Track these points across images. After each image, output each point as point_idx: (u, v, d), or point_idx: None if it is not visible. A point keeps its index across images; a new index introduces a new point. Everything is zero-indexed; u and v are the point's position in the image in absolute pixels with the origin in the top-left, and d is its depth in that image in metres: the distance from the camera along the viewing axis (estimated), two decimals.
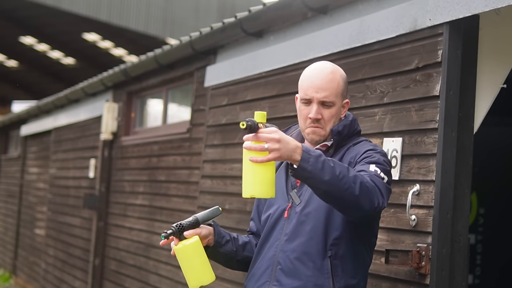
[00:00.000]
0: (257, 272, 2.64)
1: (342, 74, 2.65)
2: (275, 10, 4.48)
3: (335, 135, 2.61)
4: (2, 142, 14.73)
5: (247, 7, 5.08)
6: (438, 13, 3.17)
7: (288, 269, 2.53)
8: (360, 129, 2.74)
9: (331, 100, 2.58)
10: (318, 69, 2.64)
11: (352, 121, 2.68)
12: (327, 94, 2.57)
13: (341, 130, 2.62)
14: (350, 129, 2.66)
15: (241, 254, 2.77)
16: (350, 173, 2.31)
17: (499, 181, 5.67)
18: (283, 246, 2.56)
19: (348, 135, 2.65)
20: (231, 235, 2.76)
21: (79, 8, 18.21)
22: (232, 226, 4.92)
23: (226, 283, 4.94)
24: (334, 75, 2.61)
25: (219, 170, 5.23)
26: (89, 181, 8.21)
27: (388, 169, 2.53)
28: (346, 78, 2.67)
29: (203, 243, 2.61)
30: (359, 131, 2.73)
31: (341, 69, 2.67)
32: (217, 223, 2.73)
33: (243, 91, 5.02)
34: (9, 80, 30.58)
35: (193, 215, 2.62)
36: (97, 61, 24.98)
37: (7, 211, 13.27)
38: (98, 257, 7.62)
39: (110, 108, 7.55)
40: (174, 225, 2.58)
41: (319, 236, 2.51)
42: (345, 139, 2.64)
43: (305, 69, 2.69)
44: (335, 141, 2.62)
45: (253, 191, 2.25)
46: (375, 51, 3.63)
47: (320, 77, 2.60)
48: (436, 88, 3.16)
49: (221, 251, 2.72)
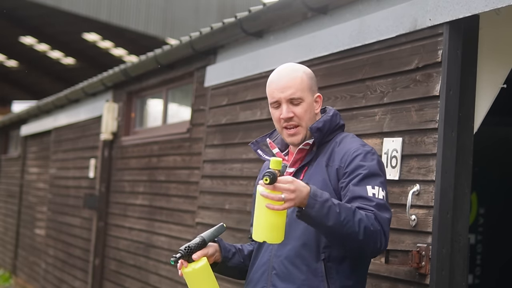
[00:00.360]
0: (254, 277, 2.65)
1: (305, 70, 2.66)
2: (275, 10, 4.48)
3: (315, 132, 2.60)
4: (2, 142, 14.73)
5: (247, 7, 5.08)
6: (438, 13, 3.17)
7: (282, 273, 2.54)
8: (343, 123, 2.73)
9: (298, 96, 2.59)
10: (279, 71, 2.67)
11: (333, 116, 2.67)
12: (292, 91, 2.59)
13: (321, 127, 2.61)
14: (331, 125, 2.65)
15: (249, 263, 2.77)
16: (356, 216, 2.33)
17: (499, 181, 5.66)
18: (276, 251, 2.57)
19: (330, 130, 2.64)
20: (236, 247, 2.78)
21: (79, 8, 18.20)
22: (232, 226, 4.92)
23: (226, 283, 4.94)
24: (295, 72, 2.63)
25: (219, 170, 5.23)
26: (89, 181, 8.21)
27: (382, 176, 2.52)
28: (311, 73, 2.67)
29: (211, 261, 2.64)
30: (342, 126, 2.71)
31: (304, 66, 2.68)
32: (221, 238, 2.74)
33: (243, 91, 5.02)
34: (9, 80, 30.58)
35: (199, 236, 2.62)
36: (97, 61, 24.97)
37: (7, 211, 13.27)
38: (98, 257, 7.62)
39: (110, 108, 7.55)
40: (183, 248, 2.57)
41: (311, 240, 2.51)
42: (327, 135, 2.64)
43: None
44: (316, 138, 2.61)
45: (266, 237, 2.32)
46: (375, 51, 3.63)
47: (281, 77, 2.63)
48: (436, 88, 3.16)
49: (229, 265, 2.74)
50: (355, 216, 2.32)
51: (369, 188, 2.44)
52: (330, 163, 2.57)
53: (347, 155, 2.54)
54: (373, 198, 2.43)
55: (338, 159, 2.55)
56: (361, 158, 2.52)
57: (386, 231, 2.41)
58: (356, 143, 2.59)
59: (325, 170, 2.56)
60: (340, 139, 2.63)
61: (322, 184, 2.53)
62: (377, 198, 2.43)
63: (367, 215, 2.36)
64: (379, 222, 2.38)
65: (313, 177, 2.57)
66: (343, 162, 2.53)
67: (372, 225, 2.35)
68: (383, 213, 2.42)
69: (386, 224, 2.42)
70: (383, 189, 2.48)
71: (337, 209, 2.30)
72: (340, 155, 2.56)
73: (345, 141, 2.62)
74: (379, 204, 2.42)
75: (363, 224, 2.33)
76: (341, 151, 2.57)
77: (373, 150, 2.59)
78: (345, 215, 2.30)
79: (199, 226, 5.41)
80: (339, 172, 2.53)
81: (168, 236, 6.03)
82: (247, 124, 4.92)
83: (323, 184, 2.53)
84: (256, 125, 4.80)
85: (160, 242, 6.19)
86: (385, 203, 2.46)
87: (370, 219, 2.36)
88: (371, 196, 2.43)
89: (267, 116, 4.67)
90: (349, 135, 2.66)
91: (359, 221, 2.32)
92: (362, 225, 2.32)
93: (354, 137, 2.65)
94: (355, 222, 2.31)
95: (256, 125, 4.80)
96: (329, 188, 2.52)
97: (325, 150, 2.62)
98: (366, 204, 2.41)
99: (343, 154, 2.55)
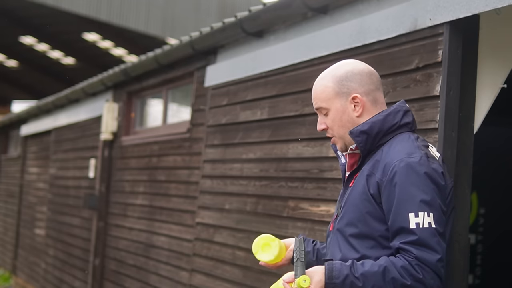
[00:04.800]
0: None
1: (334, 74, 2.45)
2: (275, 10, 4.48)
3: (357, 136, 2.35)
4: (2, 142, 14.73)
5: (247, 7, 5.08)
6: (438, 13, 3.17)
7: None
8: (408, 120, 2.40)
9: (321, 106, 2.46)
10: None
11: (388, 115, 2.37)
12: (316, 103, 2.49)
13: (367, 129, 2.35)
14: (384, 125, 2.35)
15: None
16: (386, 277, 2.15)
17: (499, 181, 5.66)
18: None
19: (383, 132, 2.36)
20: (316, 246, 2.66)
21: (79, 8, 18.20)
22: (232, 226, 4.92)
23: (226, 283, 4.94)
24: (321, 81, 2.48)
25: (219, 170, 5.23)
26: (89, 181, 8.21)
27: (429, 194, 2.19)
28: (343, 74, 2.43)
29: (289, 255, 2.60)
30: (404, 125, 2.38)
31: (338, 68, 2.47)
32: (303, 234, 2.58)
33: (243, 91, 5.02)
34: (9, 80, 30.58)
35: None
36: (97, 61, 24.98)
37: (7, 211, 13.26)
38: (98, 257, 7.62)
39: (110, 108, 7.55)
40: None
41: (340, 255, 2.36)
42: (379, 137, 2.36)
43: None
44: (359, 142, 2.35)
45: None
46: (375, 51, 3.63)
47: (313, 87, 2.52)
48: (436, 88, 3.16)
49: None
50: (385, 277, 2.15)
51: (411, 217, 2.17)
52: (375, 171, 2.30)
53: (387, 168, 2.26)
54: (416, 230, 2.16)
55: (380, 170, 2.28)
56: (402, 175, 2.22)
57: (429, 278, 2.16)
58: (402, 151, 2.27)
59: (365, 181, 2.31)
60: (391, 143, 2.34)
61: (361, 197, 2.32)
62: (422, 229, 2.15)
63: (403, 267, 2.15)
64: (421, 270, 2.15)
65: (356, 187, 2.36)
66: (384, 176, 2.26)
67: (411, 276, 2.14)
68: (427, 255, 2.15)
69: (430, 270, 2.16)
70: (430, 211, 2.17)
71: (359, 283, 2.14)
72: (383, 165, 2.28)
73: (393, 146, 2.32)
74: (422, 240, 2.15)
75: (399, 283, 2.14)
76: (385, 160, 2.29)
77: (422, 159, 2.25)
78: (372, 284, 2.15)
79: (199, 226, 5.41)
80: (380, 186, 2.27)
81: (168, 236, 6.03)
82: (247, 124, 4.92)
83: (362, 197, 2.31)
84: (256, 125, 4.80)
85: (160, 242, 6.19)
86: (432, 233, 2.16)
87: (408, 271, 2.15)
88: (413, 228, 2.16)
89: (267, 116, 4.67)
90: (402, 138, 2.35)
91: (392, 281, 2.15)
92: (398, 284, 2.14)
93: (405, 141, 2.33)
94: (387, 284, 2.15)
95: (256, 125, 4.80)
96: (370, 201, 2.29)
97: (374, 155, 2.35)
98: (407, 243, 2.16)
99: (385, 165, 2.27)
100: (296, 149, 4.31)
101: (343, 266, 2.18)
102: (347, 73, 2.44)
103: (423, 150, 2.30)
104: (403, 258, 2.17)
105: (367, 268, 2.17)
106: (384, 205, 2.25)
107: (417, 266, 2.15)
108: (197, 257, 5.41)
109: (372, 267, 2.17)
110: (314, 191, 4.09)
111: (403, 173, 2.22)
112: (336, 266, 2.18)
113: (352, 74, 2.43)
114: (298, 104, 4.34)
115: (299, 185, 4.25)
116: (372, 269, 2.16)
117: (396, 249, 2.21)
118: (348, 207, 2.36)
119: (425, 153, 2.29)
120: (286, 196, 4.36)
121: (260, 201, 4.64)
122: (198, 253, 5.39)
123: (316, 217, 4.04)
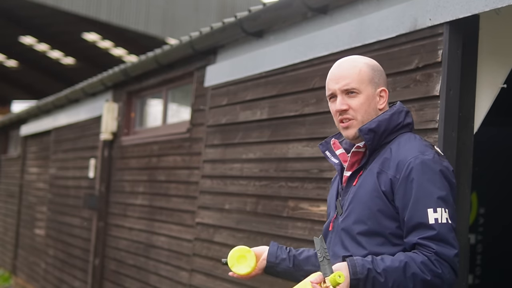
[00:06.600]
0: None
1: (369, 62, 2.43)
2: (275, 10, 4.48)
3: (366, 133, 2.32)
4: (2, 142, 14.73)
5: (247, 7, 5.08)
6: (438, 13, 3.16)
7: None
8: (410, 121, 2.41)
9: (354, 87, 2.36)
10: (337, 62, 2.47)
11: (393, 114, 2.37)
12: (347, 82, 2.36)
13: (374, 128, 2.33)
14: (389, 124, 2.35)
15: (305, 269, 2.56)
16: (407, 273, 2.15)
17: (499, 181, 5.66)
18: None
19: (388, 131, 2.36)
20: (291, 252, 2.62)
21: (79, 8, 18.21)
22: (232, 226, 4.92)
23: (226, 283, 4.94)
24: (354, 62, 2.41)
25: (219, 170, 5.22)
26: (89, 181, 8.21)
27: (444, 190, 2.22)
28: (376, 65, 2.43)
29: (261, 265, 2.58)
30: (407, 124, 2.40)
31: (369, 59, 2.46)
32: (275, 243, 2.63)
33: (243, 91, 5.02)
34: (9, 80, 30.59)
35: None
36: (97, 61, 24.99)
37: (7, 211, 13.26)
38: (98, 257, 7.62)
39: (110, 108, 7.55)
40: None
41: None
42: (384, 136, 2.36)
43: None
44: (368, 140, 2.33)
45: None
46: (375, 51, 3.63)
47: (339, 67, 2.43)
48: (436, 88, 3.16)
49: (278, 270, 2.62)
50: (406, 273, 2.15)
51: (430, 212, 2.18)
52: (385, 169, 2.30)
53: (402, 164, 2.26)
54: (435, 225, 2.17)
55: (393, 167, 2.28)
56: (418, 172, 2.23)
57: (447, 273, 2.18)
58: (414, 149, 2.28)
59: (376, 178, 2.30)
60: (398, 142, 2.34)
61: (371, 195, 2.31)
62: (441, 224, 2.17)
63: (423, 263, 2.16)
64: (440, 265, 2.17)
65: (363, 185, 2.34)
66: (399, 173, 2.26)
67: (430, 271, 2.16)
68: (445, 250, 2.17)
69: (447, 265, 2.18)
70: (446, 207, 2.20)
71: (381, 278, 2.14)
72: (395, 163, 2.28)
73: (403, 145, 2.32)
74: (441, 235, 2.17)
75: (419, 278, 2.15)
76: (397, 158, 2.28)
77: (435, 157, 2.27)
78: (393, 279, 2.14)
79: (199, 226, 5.41)
80: (393, 183, 2.26)
81: (168, 236, 6.03)
82: (247, 124, 4.92)
83: (372, 195, 2.31)
84: (256, 125, 4.80)
85: (160, 242, 6.19)
86: (449, 229, 2.19)
87: (428, 266, 2.16)
88: (432, 224, 2.17)
89: (267, 116, 4.67)
90: (408, 137, 2.36)
91: (412, 276, 2.15)
92: (418, 279, 2.15)
93: (413, 140, 2.34)
94: (407, 280, 2.15)
95: (256, 125, 4.80)
96: (381, 199, 2.28)
97: (381, 153, 2.34)
98: (425, 239, 2.18)
99: (398, 163, 2.27)
100: (296, 149, 4.31)
101: (364, 261, 2.17)
102: (376, 66, 2.45)
103: (433, 149, 2.32)
104: (422, 254, 2.18)
105: (388, 264, 2.17)
106: (399, 201, 2.25)
107: (436, 261, 2.17)
108: (197, 257, 5.41)
109: (393, 263, 2.17)
110: (314, 191, 4.09)
111: (420, 170, 2.23)
112: (358, 261, 2.17)
113: (379, 68, 2.46)
114: (298, 104, 4.34)
115: (299, 185, 4.24)
116: (393, 265, 2.16)
117: (413, 244, 2.21)
118: (355, 205, 2.35)
119: (435, 151, 2.31)
120: (286, 196, 4.36)
121: (260, 201, 4.64)
122: (198, 253, 5.39)
123: (316, 217, 4.04)
